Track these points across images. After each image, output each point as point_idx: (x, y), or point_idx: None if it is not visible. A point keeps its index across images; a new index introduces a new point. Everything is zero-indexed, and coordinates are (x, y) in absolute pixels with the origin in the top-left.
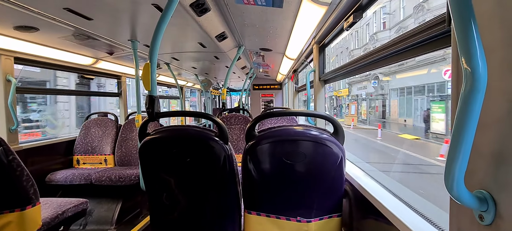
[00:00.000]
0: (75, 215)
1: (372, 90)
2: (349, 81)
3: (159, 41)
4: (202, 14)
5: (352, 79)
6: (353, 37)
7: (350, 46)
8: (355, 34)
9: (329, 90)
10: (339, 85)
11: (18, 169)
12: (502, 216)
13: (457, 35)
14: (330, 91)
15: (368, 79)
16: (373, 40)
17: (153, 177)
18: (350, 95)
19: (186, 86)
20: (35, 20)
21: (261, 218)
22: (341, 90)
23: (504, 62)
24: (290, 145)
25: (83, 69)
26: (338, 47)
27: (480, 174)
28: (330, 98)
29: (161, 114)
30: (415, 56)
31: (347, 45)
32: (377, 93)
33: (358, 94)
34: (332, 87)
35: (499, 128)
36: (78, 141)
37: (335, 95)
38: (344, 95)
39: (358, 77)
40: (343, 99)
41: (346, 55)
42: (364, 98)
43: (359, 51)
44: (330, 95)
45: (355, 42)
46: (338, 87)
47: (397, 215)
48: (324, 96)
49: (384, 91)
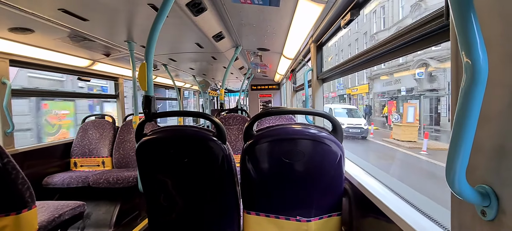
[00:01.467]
0: (72, 218)
1: (410, 84)
2: (372, 74)
3: (155, 41)
4: (199, 14)
5: (375, 72)
6: (377, 15)
7: (371, 29)
8: (380, 11)
9: (339, 87)
10: (353, 81)
11: (13, 172)
12: (505, 211)
13: (457, 28)
14: (341, 89)
15: (406, 68)
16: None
17: (150, 178)
18: (371, 93)
19: (184, 87)
20: (30, 22)
21: (260, 218)
22: (357, 86)
23: (504, 55)
24: (288, 143)
25: (79, 71)
26: (353, 34)
27: (482, 169)
28: (342, 98)
29: (158, 114)
30: (414, 52)
31: (364, 29)
32: (423, 89)
33: (386, 91)
34: (342, 84)
35: (500, 121)
36: (75, 143)
37: (348, 94)
38: (361, 93)
39: (385, 67)
40: (361, 98)
41: (364, 42)
42: (408, 95)
43: (386, 34)
44: (340, 95)
45: (380, 22)
46: (352, 84)
47: (398, 212)
48: (322, 95)
49: (439, 85)
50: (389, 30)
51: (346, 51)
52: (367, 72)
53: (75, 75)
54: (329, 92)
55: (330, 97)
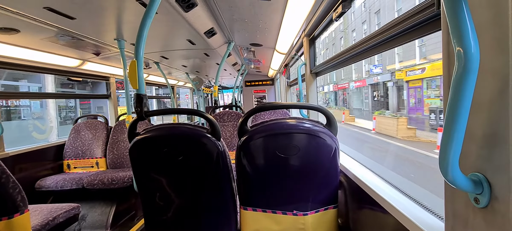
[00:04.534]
0: (66, 220)
1: None
2: None
3: (144, 38)
4: (189, 10)
5: None
6: None
7: None
8: None
9: (383, 63)
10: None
11: (2, 176)
12: (498, 197)
13: (448, 16)
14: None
15: None
16: None
17: (145, 177)
18: None
19: (177, 85)
20: (14, 22)
21: (257, 213)
22: (425, 64)
23: (494, 41)
24: (283, 138)
25: (69, 71)
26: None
27: (474, 157)
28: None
29: (150, 113)
30: (406, 42)
31: None
32: None
33: None
34: (381, 64)
35: (492, 108)
36: (67, 145)
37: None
38: (431, 76)
39: None
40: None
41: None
42: None
43: None
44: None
45: None
46: (414, 57)
47: (392, 203)
48: (316, 88)
49: None
50: None
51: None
52: None
53: (65, 76)
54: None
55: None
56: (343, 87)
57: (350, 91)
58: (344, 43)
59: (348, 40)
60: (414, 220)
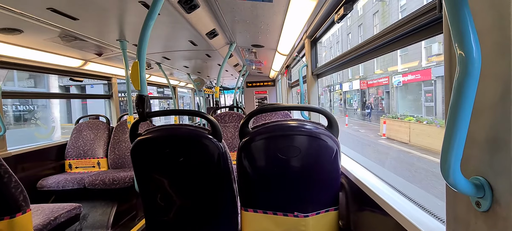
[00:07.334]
0: (68, 220)
1: None
2: None
3: (147, 39)
4: (191, 11)
5: None
6: None
7: None
8: None
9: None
10: None
11: (5, 175)
12: (499, 201)
13: (450, 20)
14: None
15: None
16: None
17: (146, 178)
18: None
19: (179, 86)
20: (18, 22)
21: (258, 215)
22: None
23: (496, 45)
24: (284, 140)
25: (71, 71)
26: None
27: (476, 161)
28: None
29: (152, 113)
30: (408, 45)
31: None
32: None
33: None
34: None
35: (493, 112)
36: (69, 145)
37: None
38: None
39: None
40: None
41: None
42: None
43: None
44: None
45: None
46: None
47: (394, 205)
48: (318, 90)
49: None
50: None
51: None
52: None
53: (67, 76)
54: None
55: None
56: (379, 84)
57: (391, 88)
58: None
59: None
60: (415, 223)
